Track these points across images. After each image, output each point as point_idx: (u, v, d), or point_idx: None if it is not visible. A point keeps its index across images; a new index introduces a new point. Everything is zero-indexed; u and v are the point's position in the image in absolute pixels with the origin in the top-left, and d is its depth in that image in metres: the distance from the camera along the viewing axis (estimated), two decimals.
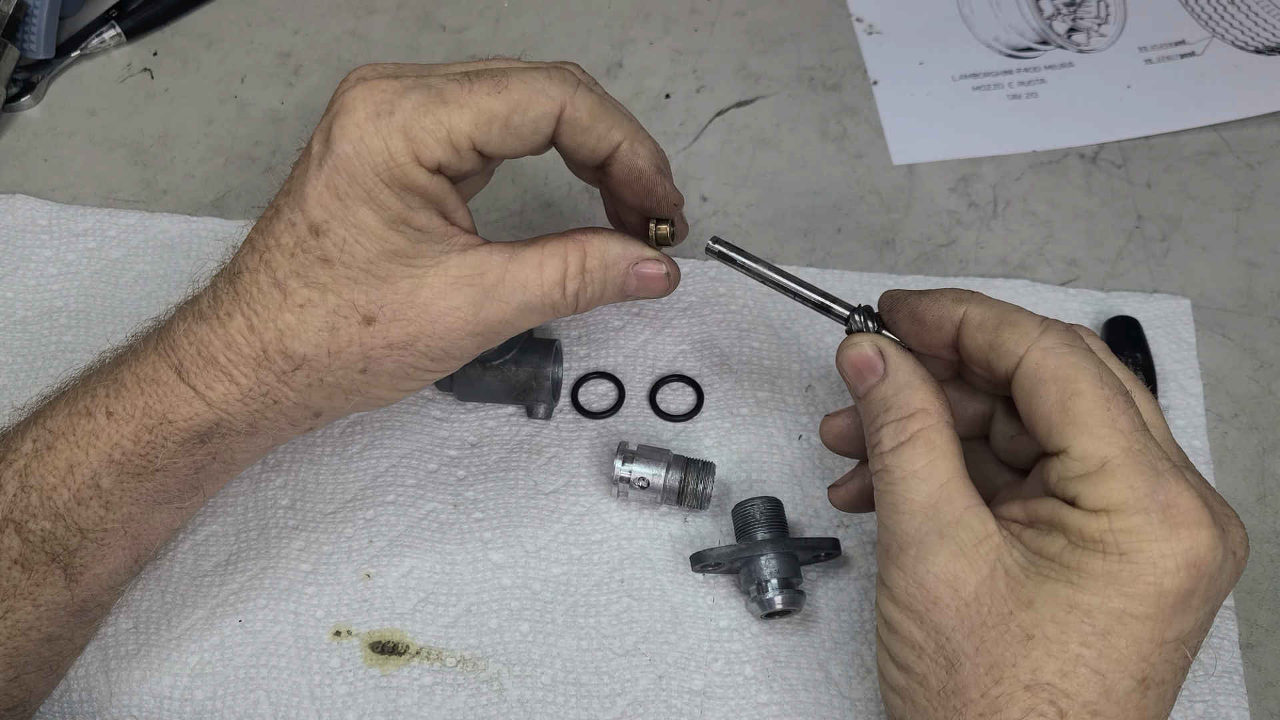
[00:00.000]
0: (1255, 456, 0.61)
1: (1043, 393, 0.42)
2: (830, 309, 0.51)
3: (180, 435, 0.48)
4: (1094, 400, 0.41)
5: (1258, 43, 0.75)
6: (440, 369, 0.50)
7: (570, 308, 0.50)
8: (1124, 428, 0.41)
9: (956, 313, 0.46)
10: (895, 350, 0.47)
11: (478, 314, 0.48)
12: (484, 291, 0.48)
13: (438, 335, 0.48)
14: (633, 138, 0.49)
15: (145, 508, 0.50)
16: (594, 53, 0.76)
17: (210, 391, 0.47)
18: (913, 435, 0.44)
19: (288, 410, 0.49)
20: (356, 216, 0.45)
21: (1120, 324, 0.63)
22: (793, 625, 0.57)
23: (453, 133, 0.45)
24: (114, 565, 0.51)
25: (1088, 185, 0.71)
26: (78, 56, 0.77)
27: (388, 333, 0.47)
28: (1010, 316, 0.44)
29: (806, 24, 0.78)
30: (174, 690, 0.56)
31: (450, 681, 0.56)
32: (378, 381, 0.49)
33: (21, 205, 0.70)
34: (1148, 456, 0.40)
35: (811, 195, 0.71)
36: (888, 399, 0.46)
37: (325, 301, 0.47)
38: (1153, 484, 0.40)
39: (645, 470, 0.58)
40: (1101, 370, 0.42)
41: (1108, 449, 0.40)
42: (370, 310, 0.47)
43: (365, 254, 0.46)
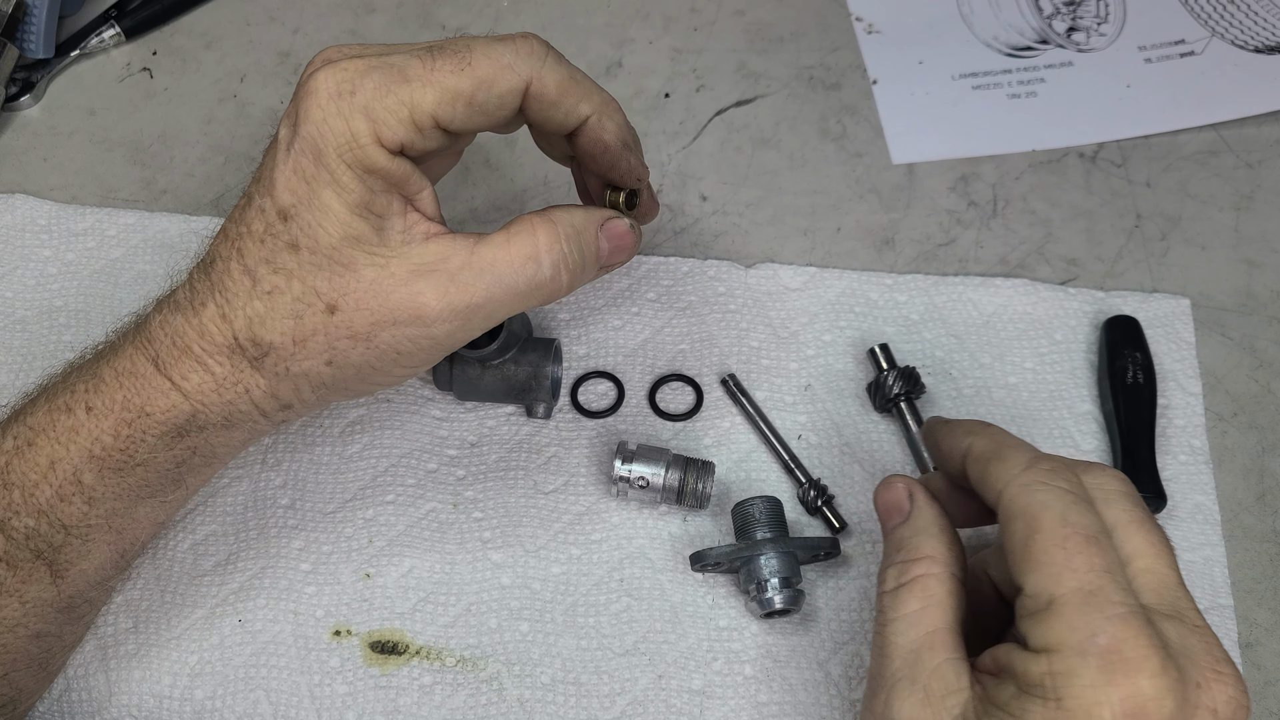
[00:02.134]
0: (1255, 456, 0.61)
1: (1013, 528, 0.42)
2: (793, 471, 0.60)
3: (158, 428, 0.48)
4: (1051, 538, 0.40)
5: (1257, 42, 0.75)
6: (410, 363, 0.48)
7: (554, 284, 0.48)
8: (1078, 567, 0.40)
9: (963, 444, 0.47)
10: (924, 496, 0.48)
11: (443, 300, 0.46)
12: (448, 277, 0.46)
13: (401, 324, 0.46)
14: (601, 111, 0.49)
15: (128, 503, 0.49)
16: (594, 52, 0.76)
17: (186, 382, 0.47)
18: (912, 580, 0.45)
19: (259, 401, 0.48)
20: (321, 199, 0.45)
21: (1120, 323, 0.63)
22: (792, 625, 0.57)
23: (415, 111, 0.45)
24: (100, 561, 0.51)
25: (1087, 184, 0.71)
26: (77, 56, 0.77)
27: (351, 322, 0.46)
28: (1003, 451, 0.44)
29: (806, 23, 0.78)
30: (174, 690, 0.56)
31: (450, 681, 0.56)
32: (345, 375, 0.48)
33: (21, 205, 0.70)
34: (1100, 598, 0.39)
35: (811, 194, 0.71)
36: (902, 540, 0.47)
37: (291, 288, 0.46)
38: (1096, 625, 0.38)
39: (645, 470, 0.58)
40: (1070, 509, 0.41)
41: (1056, 587, 0.40)
42: (333, 298, 0.46)
43: (328, 239, 0.45)
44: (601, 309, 0.66)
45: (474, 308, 0.46)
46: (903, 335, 0.64)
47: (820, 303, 0.66)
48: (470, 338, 0.48)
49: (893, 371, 0.61)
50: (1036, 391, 0.63)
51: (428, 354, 0.48)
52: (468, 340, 0.49)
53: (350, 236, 0.45)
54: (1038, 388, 0.63)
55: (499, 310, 0.47)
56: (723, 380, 0.63)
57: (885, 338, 0.64)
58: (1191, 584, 0.57)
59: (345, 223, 0.45)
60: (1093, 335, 0.64)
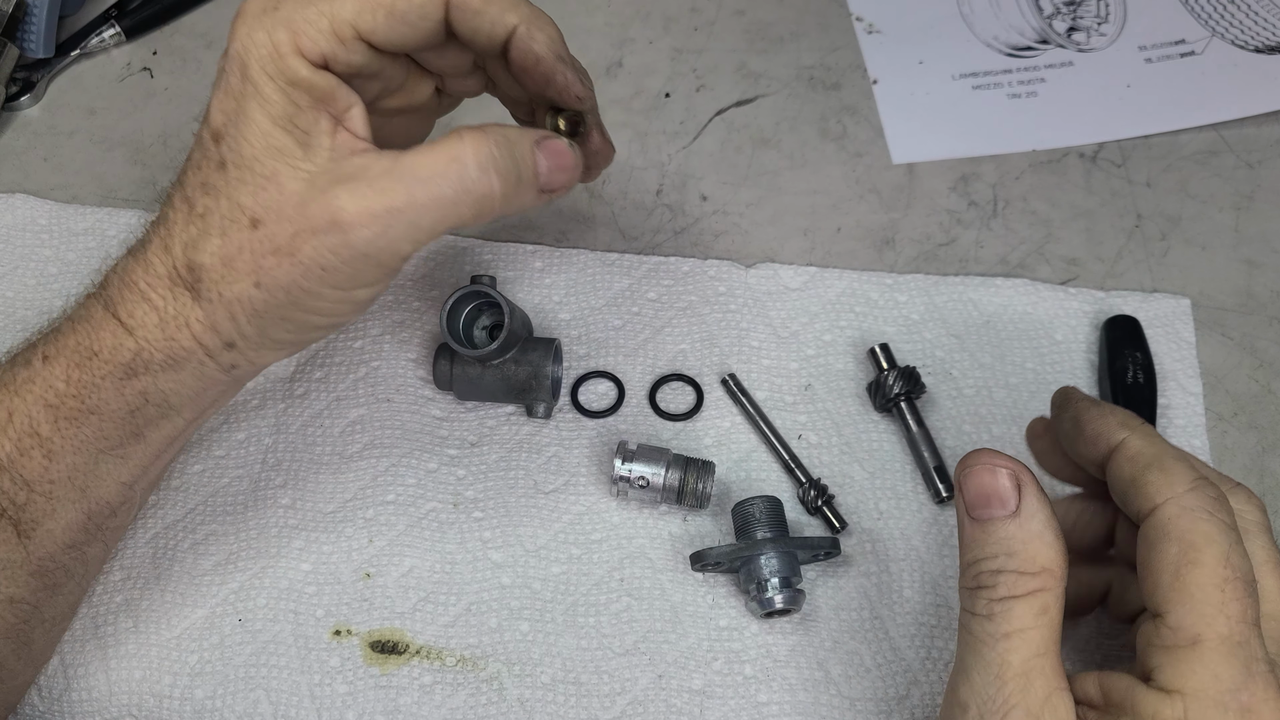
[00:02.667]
0: (1255, 456, 0.61)
1: (1164, 549, 0.40)
2: (793, 471, 0.60)
3: (105, 369, 0.48)
4: (1211, 575, 0.38)
5: (1258, 42, 0.75)
6: (336, 280, 0.46)
7: (483, 187, 0.45)
8: (1232, 614, 0.38)
9: (1116, 436, 0.44)
10: (1036, 491, 0.42)
11: (360, 204, 0.44)
12: (368, 183, 0.44)
13: (320, 233, 0.44)
14: (529, 21, 0.48)
15: (88, 457, 0.49)
16: (594, 52, 0.76)
17: (131, 319, 0.47)
18: (1029, 594, 0.40)
19: (199, 335, 0.47)
20: (246, 113, 0.45)
21: (1120, 323, 0.63)
22: (792, 624, 0.57)
23: (335, 21, 0.45)
24: (67, 521, 0.50)
25: (1087, 184, 0.71)
26: (77, 56, 0.77)
27: (274, 236, 0.45)
28: (1165, 461, 0.42)
29: (806, 23, 0.78)
30: (174, 689, 0.56)
31: (450, 681, 0.56)
32: (275, 299, 0.46)
33: (21, 204, 0.70)
34: (1245, 651, 0.38)
35: (811, 194, 0.71)
36: (1012, 543, 0.41)
37: (219, 207, 0.46)
38: (1240, 681, 0.37)
39: (645, 469, 0.58)
40: (1233, 550, 0.39)
41: (1205, 629, 0.38)
42: (256, 212, 0.45)
43: (252, 152, 0.45)
44: (602, 309, 0.66)
45: (393, 211, 0.44)
46: (903, 335, 0.64)
47: (820, 302, 0.66)
48: (398, 251, 0.46)
49: (893, 371, 0.61)
50: (1037, 391, 0.63)
51: (352, 268, 0.45)
52: (397, 255, 0.46)
53: (273, 148, 0.45)
54: (1038, 388, 0.63)
55: (423, 217, 0.45)
56: (723, 380, 0.63)
57: (885, 337, 0.64)
58: None
59: (268, 134, 0.45)
60: (1093, 335, 0.64)
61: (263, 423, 0.63)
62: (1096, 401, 0.47)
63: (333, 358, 0.65)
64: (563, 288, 0.67)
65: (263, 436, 0.63)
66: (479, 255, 0.68)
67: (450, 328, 0.58)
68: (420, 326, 0.65)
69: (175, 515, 0.60)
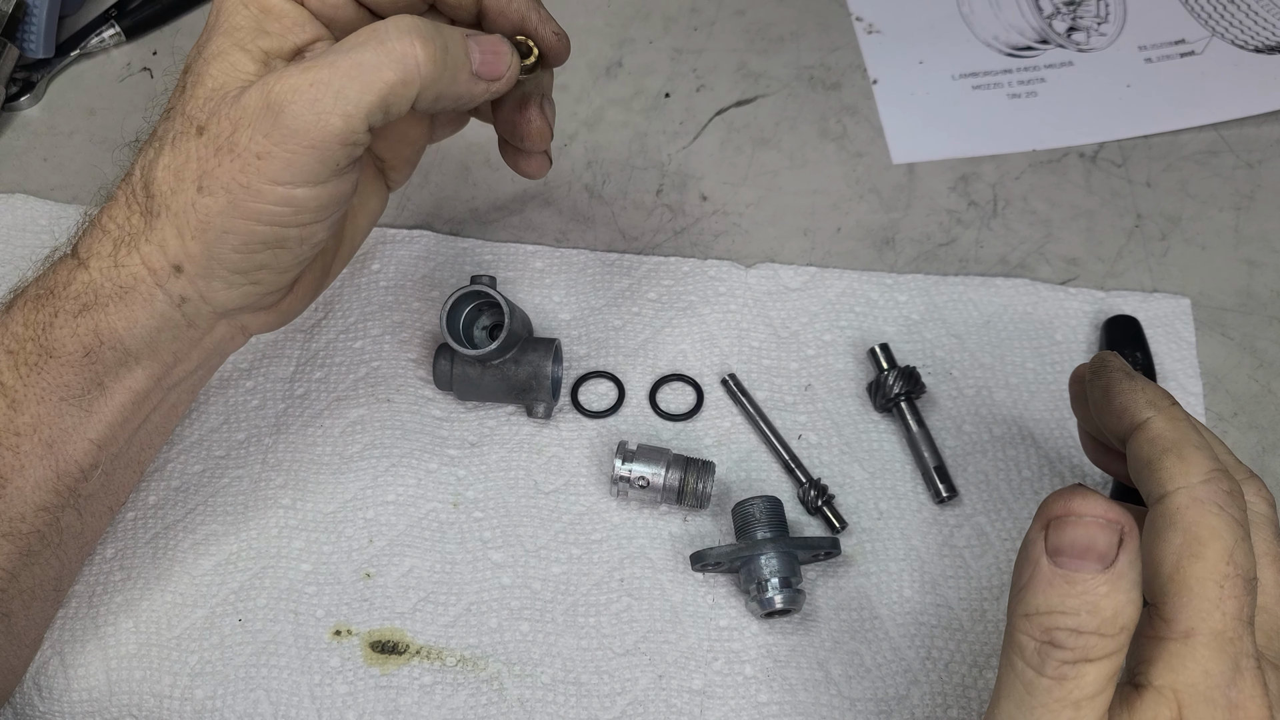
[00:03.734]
0: (1255, 456, 0.61)
1: (1168, 538, 0.39)
2: (793, 471, 0.60)
3: (58, 304, 0.48)
4: (1212, 571, 0.38)
5: (1258, 42, 0.75)
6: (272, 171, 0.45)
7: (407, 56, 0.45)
8: (1228, 611, 0.37)
9: (1142, 415, 0.43)
10: (1135, 546, 0.37)
11: (288, 80, 0.44)
12: (299, 67, 0.45)
13: (253, 118, 0.45)
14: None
15: (51, 407, 0.49)
16: (594, 52, 0.76)
17: (87, 251, 0.49)
18: (1107, 656, 0.37)
19: (147, 257, 0.47)
20: (214, 39, 0.47)
21: (1120, 323, 0.63)
22: (792, 624, 0.57)
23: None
24: (36, 478, 0.50)
25: (1087, 184, 0.71)
26: (77, 56, 0.77)
27: (215, 136, 0.46)
28: (1184, 449, 0.41)
29: (806, 23, 0.78)
30: (174, 689, 0.56)
31: (450, 681, 0.56)
32: (217, 204, 0.46)
33: (21, 205, 0.70)
34: (1236, 647, 0.37)
35: (811, 194, 0.71)
36: (1098, 604, 0.36)
37: (174, 125, 0.47)
38: (1230, 675, 0.37)
39: (645, 469, 0.58)
40: (1238, 547, 0.38)
41: (1199, 623, 0.38)
42: (202, 119, 0.46)
43: (208, 70, 0.47)
44: (602, 309, 0.66)
45: (320, 84, 0.44)
46: (903, 335, 0.64)
47: (821, 302, 0.66)
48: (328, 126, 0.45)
49: (893, 371, 0.61)
50: (1037, 391, 0.63)
51: (286, 152, 0.45)
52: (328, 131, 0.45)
53: (229, 65, 0.47)
54: (1039, 388, 0.63)
55: (349, 85, 0.44)
56: (723, 380, 0.63)
57: (886, 337, 0.64)
58: None
59: (225, 53, 0.47)
60: (1093, 335, 0.64)
61: (263, 423, 0.63)
62: (1130, 374, 0.45)
63: (333, 358, 0.65)
64: (563, 288, 0.67)
65: (263, 437, 0.63)
66: (479, 255, 0.68)
67: (450, 328, 0.58)
68: (420, 327, 0.65)
69: (175, 515, 0.60)
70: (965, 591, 0.57)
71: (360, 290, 0.67)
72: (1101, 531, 0.37)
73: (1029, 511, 0.59)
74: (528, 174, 0.56)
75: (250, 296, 0.50)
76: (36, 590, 0.54)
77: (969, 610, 0.57)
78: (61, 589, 0.56)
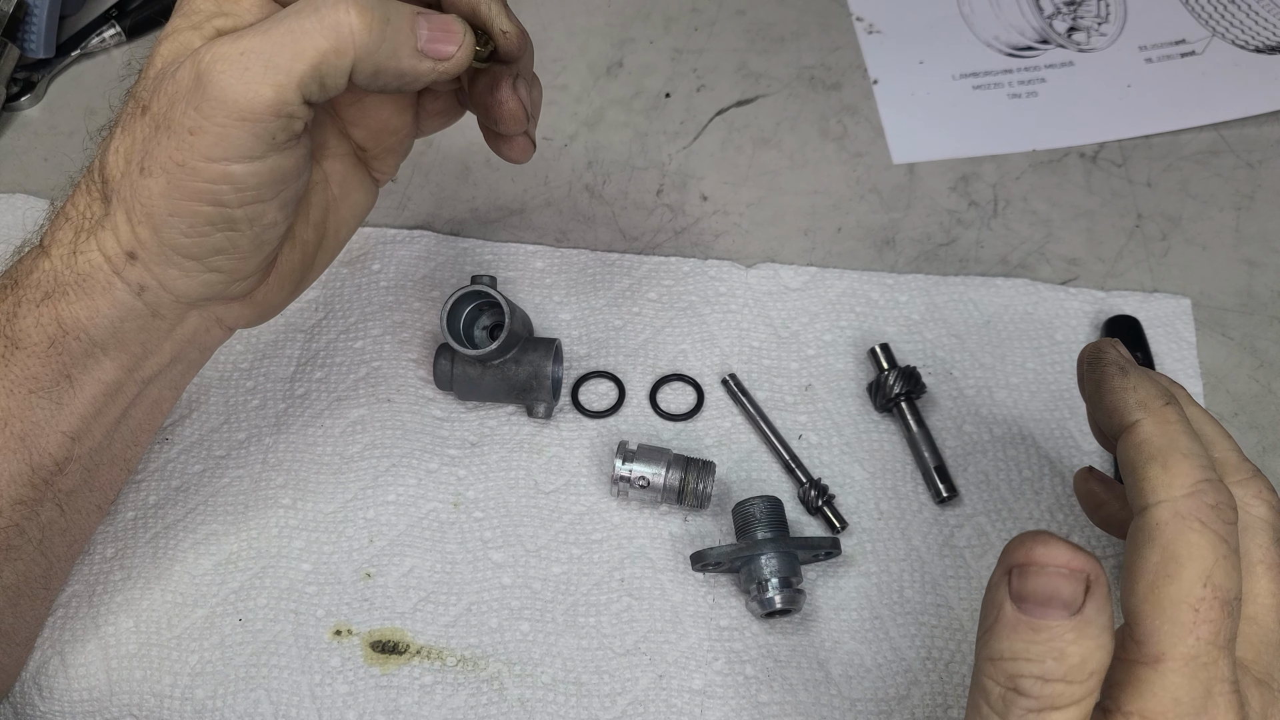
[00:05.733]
0: (1255, 456, 0.61)
1: (1146, 554, 0.37)
2: (794, 471, 0.60)
3: (22, 293, 0.48)
4: (1187, 594, 0.36)
5: (1258, 42, 0.75)
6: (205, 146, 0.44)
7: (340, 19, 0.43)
8: (1202, 636, 0.36)
9: (1130, 417, 0.41)
10: (1103, 593, 0.35)
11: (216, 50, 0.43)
12: (231, 36, 0.44)
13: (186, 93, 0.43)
14: None
15: (20, 400, 0.49)
16: (594, 52, 0.76)
17: (50, 240, 0.48)
18: (1075, 703, 0.35)
19: (103, 244, 0.47)
20: (171, 23, 0.47)
21: (1120, 323, 0.63)
22: (793, 625, 0.57)
23: None
24: (11, 473, 0.49)
25: (1088, 184, 0.71)
26: (78, 56, 0.77)
27: (155, 115, 0.45)
28: (1170, 457, 0.39)
29: (806, 23, 0.78)
30: (174, 689, 0.56)
31: (450, 681, 0.56)
32: (158, 186, 0.45)
33: (22, 205, 0.70)
34: (1208, 673, 0.36)
35: (811, 194, 0.71)
36: (1065, 650, 0.35)
37: (127, 108, 0.47)
38: (1200, 702, 0.36)
39: (645, 469, 0.58)
40: (1218, 567, 0.36)
41: (1170, 647, 0.36)
42: (146, 99, 0.46)
43: (161, 53, 0.47)
44: (602, 309, 0.66)
45: (249, 52, 0.43)
46: (903, 335, 0.64)
47: (821, 302, 0.66)
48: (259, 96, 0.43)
49: (893, 371, 0.61)
50: (1038, 392, 0.63)
51: (218, 126, 0.43)
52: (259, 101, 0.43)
53: (178, 44, 0.47)
54: (1039, 388, 0.63)
55: (278, 53, 0.43)
56: (723, 380, 0.63)
57: (886, 337, 0.64)
58: None
59: (178, 34, 0.47)
60: (1093, 335, 0.64)
61: (263, 423, 0.63)
62: (1124, 369, 0.43)
63: (333, 358, 0.65)
64: (563, 288, 0.67)
65: (263, 436, 0.63)
66: (479, 255, 0.68)
67: (450, 328, 0.58)
68: (421, 327, 0.65)
69: (175, 515, 0.60)
70: (965, 591, 0.57)
71: (360, 290, 0.67)
72: (1065, 581, 0.35)
73: (1029, 512, 0.59)
74: (510, 158, 0.54)
75: (213, 285, 0.49)
76: (23, 588, 0.53)
77: (969, 610, 0.57)
78: (52, 588, 0.56)
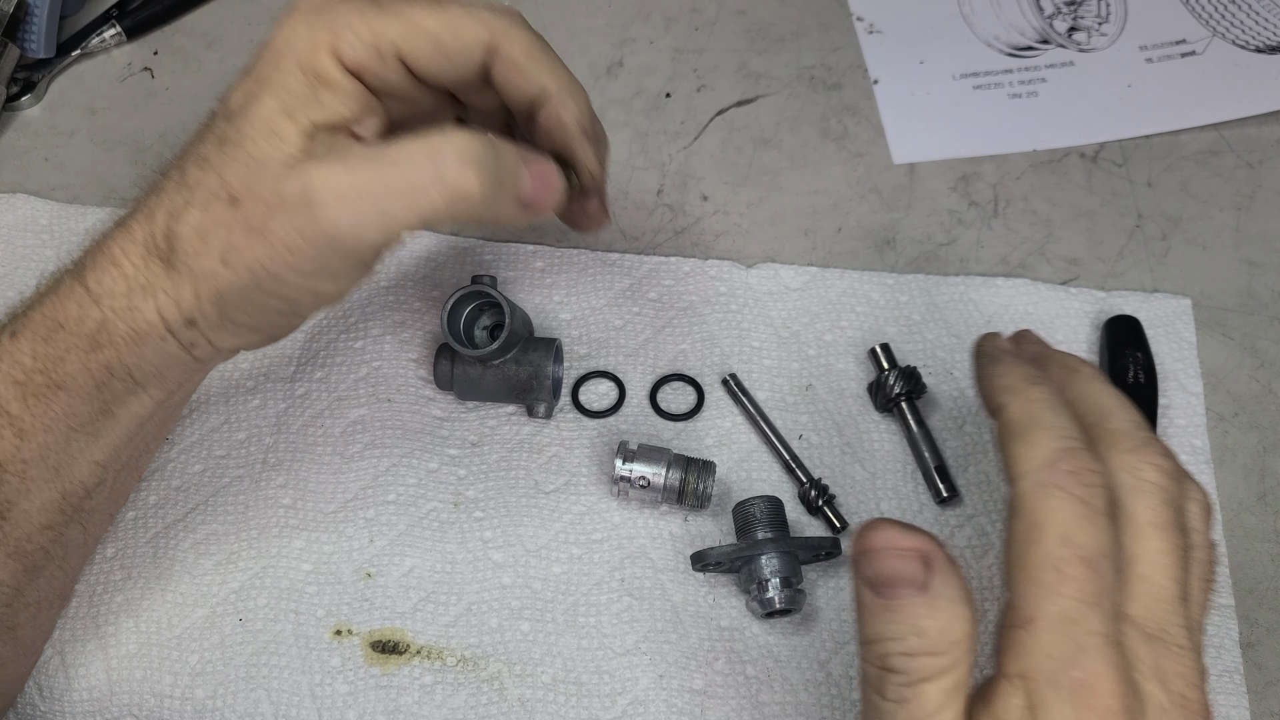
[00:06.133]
0: (1255, 455, 0.61)
1: (1014, 526, 0.39)
2: (794, 471, 0.60)
3: (70, 340, 0.47)
4: (1047, 556, 0.37)
5: (1258, 42, 0.75)
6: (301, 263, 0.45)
7: (459, 180, 0.44)
8: (1066, 592, 0.37)
9: (999, 399, 0.43)
10: (945, 563, 0.38)
11: (330, 181, 0.44)
12: (345, 165, 0.44)
13: (291, 210, 0.44)
14: (565, 90, 0.49)
15: (59, 435, 0.49)
16: (594, 52, 0.76)
17: (98, 286, 0.47)
18: (943, 672, 0.37)
19: (163, 307, 0.47)
20: (261, 98, 0.46)
21: (1121, 323, 0.63)
22: (793, 625, 0.57)
23: (379, 38, 0.45)
24: (42, 501, 0.50)
25: (1088, 184, 0.71)
26: (78, 56, 0.77)
27: (249, 215, 0.45)
28: (1030, 433, 0.40)
29: (807, 23, 0.78)
30: (174, 689, 0.56)
31: (451, 681, 0.56)
32: (240, 281, 0.45)
33: (22, 205, 0.70)
34: (1078, 628, 0.37)
35: (812, 194, 0.71)
36: (921, 624, 0.37)
37: (207, 181, 0.46)
38: (1072, 655, 0.36)
39: (646, 469, 0.58)
40: (1077, 527, 0.38)
41: (1037, 609, 0.37)
42: (238, 190, 0.45)
43: (252, 133, 0.45)
44: (602, 309, 0.66)
45: (363, 193, 0.43)
46: (904, 335, 0.64)
47: (821, 302, 0.66)
48: (365, 239, 0.44)
49: (894, 371, 0.61)
50: None
51: (318, 252, 0.44)
52: (364, 243, 0.44)
53: (273, 133, 0.45)
54: None
55: (394, 204, 0.44)
56: (724, 380, 0.63)
57: (886, 337, 0.64)
58: None
59: (273, 119, 0.45)
60: (1094, 335, 0.64)
61: (264, 423, 0.63)
62: (997, 357, 0.45)
63: (333, 358, 0.65)
64: (563, 288, 0.67)
65: (264, 436, 0.63)
66: (480, 255, 0.68)
67: (451, 328, 0.58)
68: (421, 326, 0.65)
69: (176, 515, 0.60)
70: None
71: (361, 290, 0.67)
72: (904, 561, 0.37)
73: None
74: (586, 231, 0.57)
75: (257, 342, 0.50)
76: (42, 603, 0.54)
77: None
78: (65, 598, 0.57)
